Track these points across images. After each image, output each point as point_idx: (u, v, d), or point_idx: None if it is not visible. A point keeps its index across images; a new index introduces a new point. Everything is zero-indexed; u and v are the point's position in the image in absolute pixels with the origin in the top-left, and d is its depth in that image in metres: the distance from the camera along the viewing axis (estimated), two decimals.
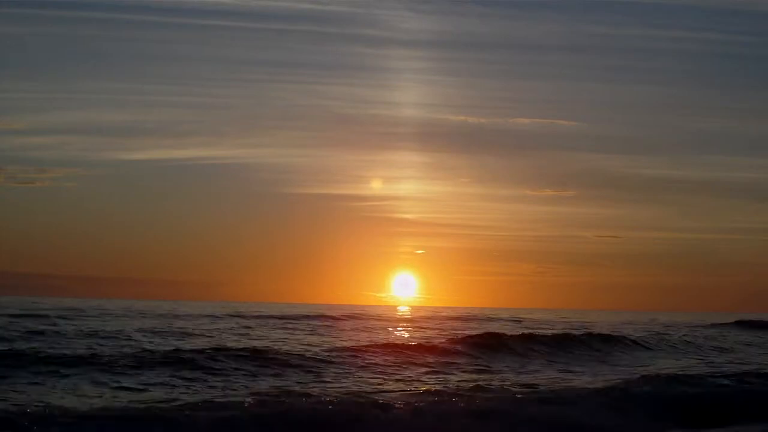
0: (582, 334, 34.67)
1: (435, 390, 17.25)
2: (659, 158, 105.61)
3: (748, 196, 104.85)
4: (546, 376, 22.42)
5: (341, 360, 22.87)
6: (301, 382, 18.72)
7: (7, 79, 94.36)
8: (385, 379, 19.91)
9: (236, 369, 20.13)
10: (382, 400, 15.36)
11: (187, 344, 26.12)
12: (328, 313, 55.18)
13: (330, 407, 14.21)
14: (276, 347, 24.99)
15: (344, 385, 18.57)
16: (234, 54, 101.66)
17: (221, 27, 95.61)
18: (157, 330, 33.20)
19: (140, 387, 17.12)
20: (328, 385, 18.50)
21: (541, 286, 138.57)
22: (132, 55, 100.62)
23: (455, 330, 39.79)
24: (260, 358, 21.65)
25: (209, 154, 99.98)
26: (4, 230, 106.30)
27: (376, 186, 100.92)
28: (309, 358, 22.69)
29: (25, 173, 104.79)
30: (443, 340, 29.67)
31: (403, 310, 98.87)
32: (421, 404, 14.89)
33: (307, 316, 49.85)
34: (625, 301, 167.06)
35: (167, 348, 23.46)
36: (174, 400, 15.39)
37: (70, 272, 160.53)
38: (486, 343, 28.58)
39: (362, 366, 22.05)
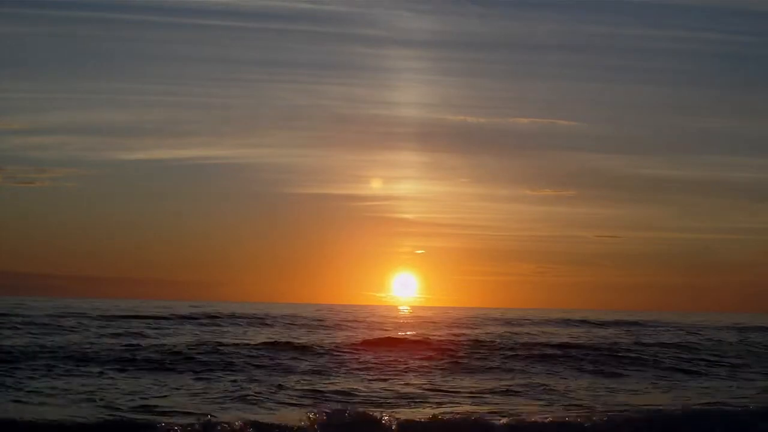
0: None
1: None
2: (659, 158, 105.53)
3: (748, 196, 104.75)
4: None
5: None
6: None
7: (7, 79, 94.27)
8: None
9: None
10: None
11: None
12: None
13: None
14: None
15: None
16: (234, 54, 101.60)
17: (221, 27, 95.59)
18: None
19: None
20: None
21: (541, 286, 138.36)
22: (132, 55, 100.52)
23: None
24: None
25: (209, 154, 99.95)
26: (4, 230, 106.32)
27: (376, 186, 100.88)
28: None
29: (24, 173, 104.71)
30: None
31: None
32: None
33: None
34: (625, 301, 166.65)
35: None
36: None
37: (70, 272, 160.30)
38: None
39: None
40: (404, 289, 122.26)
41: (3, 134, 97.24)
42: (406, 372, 23.77)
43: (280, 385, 19.73)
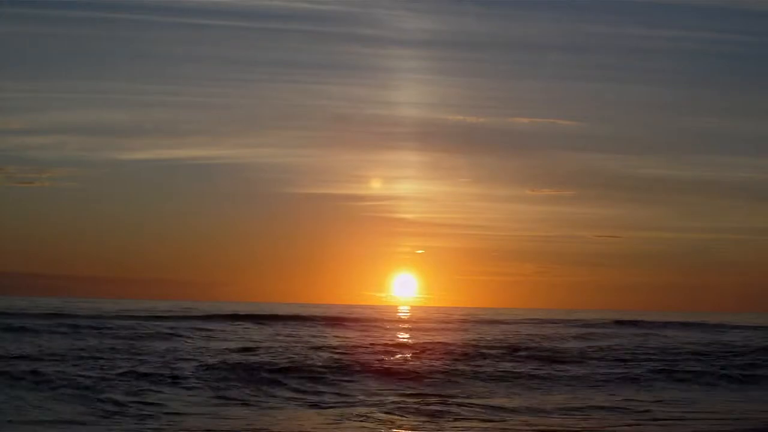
0: None
1: None
2: (659, 158, 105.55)
3: (748, 196, 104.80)
4: None
5: None
6: None
7: (7, 79, 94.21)
8: None
9: None
10: None
11: None
12: None
13: None
14: None
15: None
16: (233, 54, 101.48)
17: (221, 27, 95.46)
18: None
19: None
20: None
21: (541, 286, 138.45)
22: (132, 55, 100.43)
23: None
24: None
25: (209, 154, 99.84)
26: (4, 230, 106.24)
27: (376, 186, 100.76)
28: None
29: (24, 173, 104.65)
30: None
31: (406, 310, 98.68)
32: None
33: None
34: (625, 301, 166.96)
35: None
36: None
37: (70, 272, 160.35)
38: None
39: None
40: (404, 289, 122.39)
41: (2, 134, 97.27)
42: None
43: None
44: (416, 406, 16.76)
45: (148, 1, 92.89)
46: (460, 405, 17.09)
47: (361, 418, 15.32)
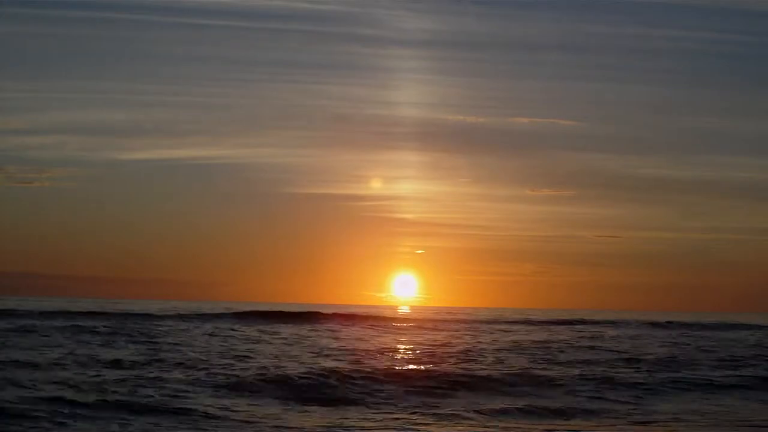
0: None
1: None
2: (659, 158, 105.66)
3: (748, 196, 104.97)
4: None
5: None
6: None
7: (7, 79, 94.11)
8: None
9: None
10: None
11: None
12: None
13: None
14: None
15: None
16: (233, 54, 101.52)
17: (221, 27, 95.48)
18: None
19: None
20: None
21: (541, 286, 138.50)
22: (131, 54, 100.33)
23: None
24: None
25: (209, 154, 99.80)
26: (4, 230, 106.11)
27: (376, 186, 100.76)
28: None
29: (23, 173, 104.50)
30: None
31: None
32: None
33: None
34: (625, 301, 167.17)
35: None
36: None
37: (69, 272, 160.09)
38: None
39: None
40: (404, 289, 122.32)
41: (2, 134, 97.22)
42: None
43: None
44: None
45: (148, 1, 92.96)
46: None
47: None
